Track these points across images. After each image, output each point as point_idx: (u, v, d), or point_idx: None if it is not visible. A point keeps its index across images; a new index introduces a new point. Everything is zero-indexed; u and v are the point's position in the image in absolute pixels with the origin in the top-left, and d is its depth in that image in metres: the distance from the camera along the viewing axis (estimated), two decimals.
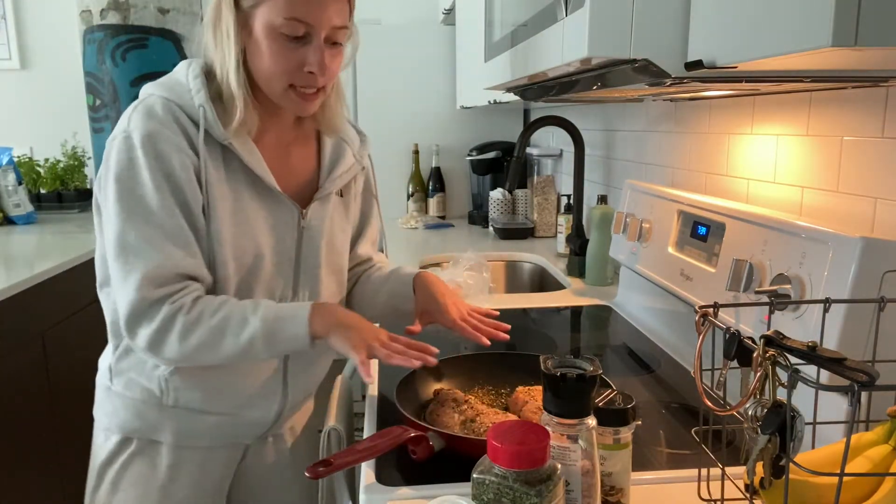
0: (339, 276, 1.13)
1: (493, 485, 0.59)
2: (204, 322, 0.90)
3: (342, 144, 1.12)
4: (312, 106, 0.98)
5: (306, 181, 1.08)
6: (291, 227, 1.04)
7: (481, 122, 3.02)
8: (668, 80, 0.76)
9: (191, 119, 0.95)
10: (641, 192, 1.48)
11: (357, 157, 1.14)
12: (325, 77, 0.96)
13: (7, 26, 3.35)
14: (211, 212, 0.95)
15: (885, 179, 0.90)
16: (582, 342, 1.43)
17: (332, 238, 1.10)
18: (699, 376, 0.67)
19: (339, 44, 0.97)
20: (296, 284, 1.05)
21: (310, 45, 0.93)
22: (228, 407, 1.04)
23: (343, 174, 1.10)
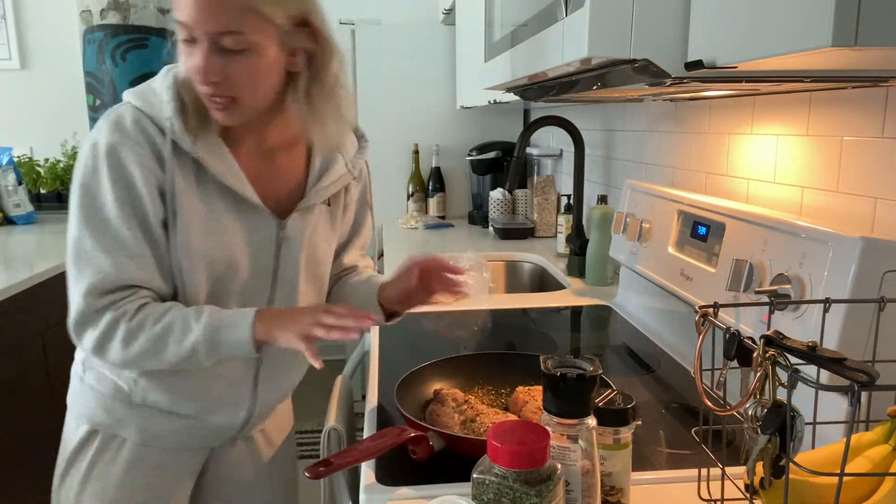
0: (318, 285, 1.11)
1: (493, 485, 0.59)
2: (146, 329, 0.91)
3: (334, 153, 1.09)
4: (229, 117, 0.93)
5: (292, 189, 1.05)
6: (269, 238, 1.02)
7: (481, 122, 3.02)
8: (668, 80, 0.76)
9: (161, 130, 0.94)
10: (641, 192, 1.48)
11: (350, 165, 1.10)
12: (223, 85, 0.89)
13: (7, 26, 3.36)
14: (178, 223, 0.95)
15: (885, 179, 0.90)
16: (582, 342, 1.43)
17: (314, 249, 1.08)
18: (699, 376, 0.66)
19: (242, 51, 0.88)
20: (272, 295, 1.04)
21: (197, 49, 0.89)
22: (195, 410, 1.04)
23: (332, 184, 1.07)
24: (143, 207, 0.93)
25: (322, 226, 1.09)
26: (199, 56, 0.88)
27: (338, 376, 1.39)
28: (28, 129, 3.38)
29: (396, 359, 1.25)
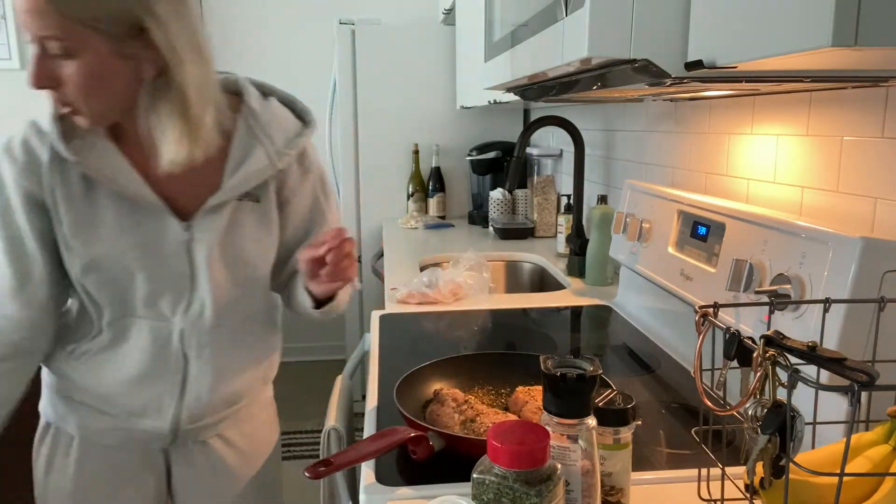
0: (252, 289, 1.08)
1: (493, 485, 0.59)
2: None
3: (252, 143, 1.02)
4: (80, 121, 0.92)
5: (209, 186, 1.00)
6: (175, 240, 0.99)
7: (481, 122, 3.02)
8: (668, 80, 0.76)
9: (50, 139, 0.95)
10: (641, 192, 1.48)
11: (273, 157, 1.03)
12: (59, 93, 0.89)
13: (7, 26, 3.35)
14: (64, 233, 0.96)
15: (885, 179, 0.90)
16: (582, 342, 1.43)
17: (238, 250, 1.03)
18: (699, 376, 0.66)
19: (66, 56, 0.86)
20: (191, 299, 1.02)
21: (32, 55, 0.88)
22: (121, 413, 1.06)
23: (248, 178, 1.01)
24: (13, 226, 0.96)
25: (248, 224, 1.04)
26: (31, 60, 0.88)
27: (338, 376, 1.39)
28: None
29: (396, 359, 1.25)
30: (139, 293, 0.99)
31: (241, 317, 1.08)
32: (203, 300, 1.02)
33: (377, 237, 3.03)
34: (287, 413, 3.01)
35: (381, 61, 2.93)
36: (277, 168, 1.05)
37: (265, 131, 1.03)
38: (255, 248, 1.06)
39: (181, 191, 1.00)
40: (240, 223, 1.04)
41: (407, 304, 1.60)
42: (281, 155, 1.04)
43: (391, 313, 1.54)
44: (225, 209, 1.02)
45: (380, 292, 2.22)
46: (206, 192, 1.00)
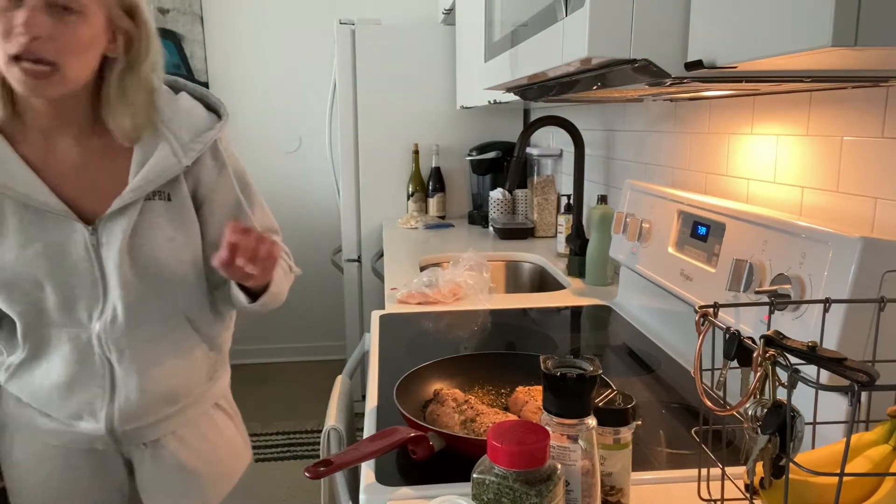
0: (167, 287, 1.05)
1: (493, 485, 0.59)
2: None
3: (159, 140, 1.00)
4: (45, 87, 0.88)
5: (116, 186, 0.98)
6: (81, 245, 0.97)
7: (481, 122, 3.02)
8: (668, 80, 0.76)
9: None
10: (641, 192, 1.48)
11: (179, 152, 1.00)
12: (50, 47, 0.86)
13: None
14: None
15: (885, 179, 0.90)
16: (582, 342, 1.43)
17: (152, 251, 1.01)
18: (699, 376, 0.67)
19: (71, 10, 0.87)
20: (104, 305, 1.00)
21: (23, 6, 0.85)
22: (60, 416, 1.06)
23: (155, 177, 0.98)
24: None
25: (160, 224, 1.01)
26: (23, 13, 0.85)
27: (338, 376, 1.39)
28: None
29: (396, 359, 1.25)
30: (52, 302, 0.98)
31: (160, 317, 1.06)
32: (115, 304, 1.00)
33: (377, 237, 3.03)
34: (287, 413, 3.03)
35: (381, 61, 2.93)
36: (184, 164, 1.01)
37: (170, 127, 1.01)
38: (168, 247, 1.03)
39: (86, 193, 0.98)
40: (150, 224, 1.01)
41: (407, 304, 1.60)
42: (187, 150, 1.02)
43: (391, 313, 1.54)
44: (131, 210, 0.99)
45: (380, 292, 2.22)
46: (113, 192, 0.98)
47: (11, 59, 0.86)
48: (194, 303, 1.10)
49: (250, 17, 3.52)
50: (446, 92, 2.98)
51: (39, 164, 0.95)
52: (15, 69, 0.86)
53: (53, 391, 1.04)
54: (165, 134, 1.01)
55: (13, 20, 0.85)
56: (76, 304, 0.99)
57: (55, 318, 1.00)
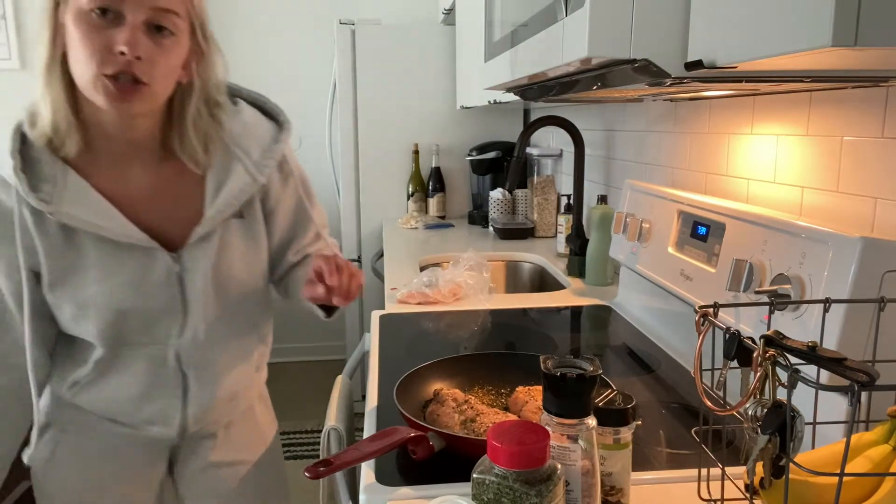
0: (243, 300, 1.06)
1: (493, 485, 0.59)
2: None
3: (231, 160, 0.99)
4: (131, 102, 0.86)
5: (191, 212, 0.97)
6: (164, 274, 0.96)
7: (481, 122, 3.02)
8: (668, 80, 0.76)
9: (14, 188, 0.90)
10: (641, 192, 1.48)
11: (254, 169, 1.00)
12: (146, 67, 0.85)
13: (7, 26, 3.35)
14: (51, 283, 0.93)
15: (885, 179, 0.90)
16: (582, 342, 1.43)
17: (228, 269, 1.01)
18: (699, 376, 0.66)
19: (168, 32, 0.87)
20: (184, 325, 1.00)
21: (123, 25, 0.84)
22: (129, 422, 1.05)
23: (232, 200, 0.98)
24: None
25: (236, 243, 1.02)
26: (127, 29, 0.84)
27: (338, 376, 1.39)
28: None
29: (396, 359, 1.25)
30: (131, 326, 0.97)
31: (234, 328, 1.07)
32: (196, 324, 1.01)
33: (377, 237, 3.03)
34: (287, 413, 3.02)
35: (381, 61, 2.93)
36: (260, 182, 1.01)
37: (240, 145, 1.00)
38: (243, 263, 1.03)
39: (163, 220, 0.97)
40: (227, 243, 1.01)
41: (407, 304, 1.60)
42: (260, 167, 1.01)
43: (391, 313, 1.54)
44: (214, 235, 0.99)
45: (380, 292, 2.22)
46: (190, 215, 0.97)
47: (104, 76, 0.85)
48: (259, 308, 1.12)
49: (250, 17, 3.52)
50: (446, 92, 2.97)
51: (115, 195, 0.94)
52: (106, 84, 0.85)
53: (126, 403, 1.03)
54: (237, 154, 0.99)
55: (112, 38, 0.84)
56: (155, 326, 0.99)
57: (132, 339, 0.98)
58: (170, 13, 0.86)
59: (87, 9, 0.84)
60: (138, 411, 1.04)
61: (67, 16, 0.85)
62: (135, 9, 0.84)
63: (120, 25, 0.84)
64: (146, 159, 0.97)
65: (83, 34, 0.84)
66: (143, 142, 0.95)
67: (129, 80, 0.85)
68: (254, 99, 1.09)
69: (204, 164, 0.97)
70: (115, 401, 1.03)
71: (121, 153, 0.95)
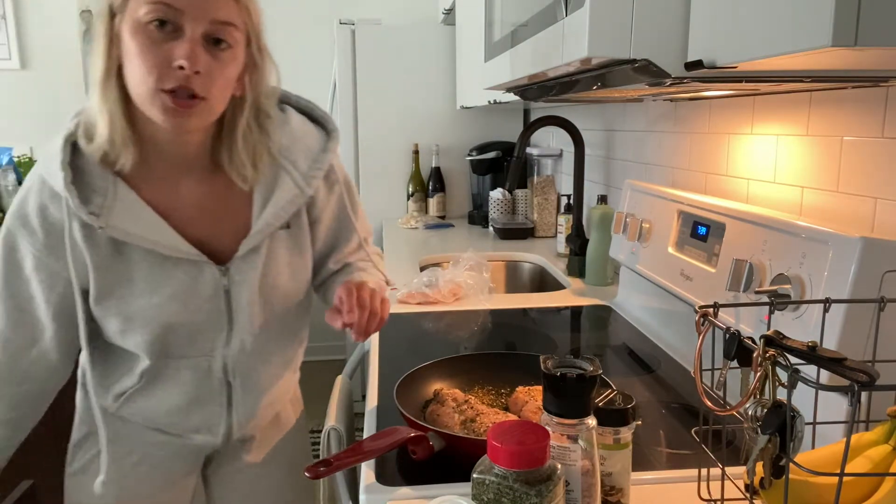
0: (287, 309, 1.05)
1: (493, 485, 0.59)
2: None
3: (278, 172, 0.97)
4: (188, 117, 0.85)
5: (239, 225, 0.96)
6: (211, 287, 0.95)
7: (481, 122, 3.02)
8: (668, 80, 0.76)
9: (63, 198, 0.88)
10: (641, 192, 1.48)
11: (302, 181, 0.98)
12: (204, 82, 0.84)
13: (7, 26, 3.35)
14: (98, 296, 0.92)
15: (885, 179, 0.90)
16: (582, 342, 1.43)
17: (274, 279, 1.00)
18: (699, 376, 0.66)
19: (225, 45, 0.85)
20: (229, 337, 0.99)
21: (181, 38, 0.82)
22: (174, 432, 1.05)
23: (280, 212, 0.96)
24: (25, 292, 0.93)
25: (282, 254, 1.00)
26: (187, 42, 0.82)
27: (338, 376, 1.39)
28: (28, 129, 3.38)
29: (396, 359, 1.25)
30: (177, 338, 0.96)
31: (279, 338, 1.06)
32: (242, 336, 1.00)
33: (377, 237, 3.03)
34: None
35: (381, 61, 2.93)
36: (307, 194, 0.98)
37: (288, 157, 0.98)
38: (289, 274, 1.02)
39: (211, 233, 0.96)
40: (273, 255, 0.99)
41: (407, 304, 1.60)
42: (308, 179, 0.98)
43: (391, 313, 1.53)
44: (261, 247, 0.97)
45: None
46: (237, 228, 0.96)
47: (162, 91, 0.83)
48: (302, 316, 1.10)
49: None
50: (446, 92, 2.97)
51: (165, 208, 0.92)
52: (164, 100, 0.83)
53: (172, 413, 1.02)
54: (284, 165, 0.97)
55: (170, 52, 0.82)
56: (201, 338, 0.98)
57: (178, 351, 0.97)
58: (228, 25, 0.85)
59: (145, 21, 0.82)
60: (184, 420, 1.03)
61: (124, 27, 0.83)
62: (194, 21, 0.82)
63: (178, 38, 0.82)
64: (196, 172, 0.95)
65: (140, 47, 0.82)
66: (194, 155, 0.94)
67: (187, 95, 0.83)
68: (302, 106, 1.07)
69: (251, 180, 0.95)
70: (161, 411, 1.02)
71: (171, 166, 0.93)
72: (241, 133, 0.93)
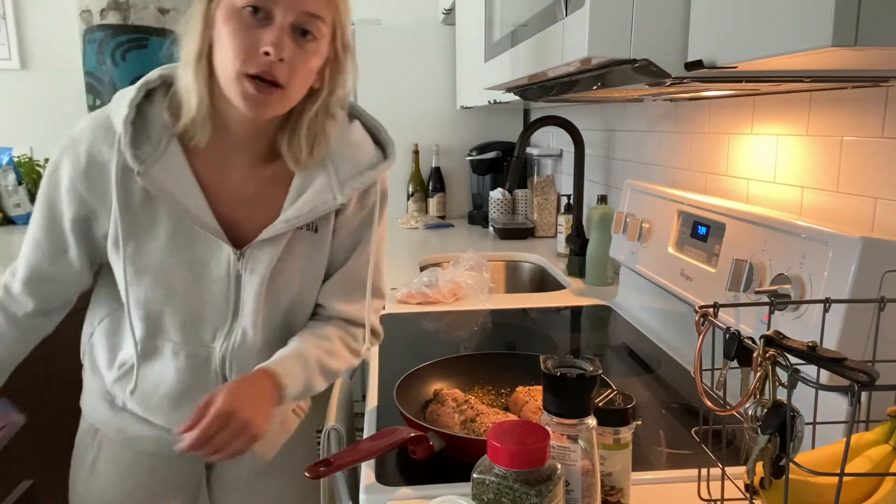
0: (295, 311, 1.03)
1: (493, 485, 0.59)
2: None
3: (319, 172, 0.97)
4: (266, 105, 0.87)
5: (271, 215, 0.97)
6: (223, 267, 0.95)
7: (481, 122, 3.02)
8: (668, 80, 0.76)
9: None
10: (641, 192, 1.48)
11: (336, 187, 0.97)
12: (286, 70, 0.86)
13: (7, 26, 3.35)
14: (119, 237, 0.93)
15: (885, 179, 0.90)
16: (582, 342, 1.43)
17: (287, 278, 0.99)
18: (699, 376, 0.66)
19: (311, 37, 0.88)
20: (232, 325, 0.98)
21: (271, 26, 0.85)
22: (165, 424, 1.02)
23: (307, 211, 0.96)
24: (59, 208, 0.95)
25: (301, 255, 1.00)
26: (275, 31, 0.85)
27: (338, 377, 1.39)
28: (28, 129, 3.38)
29: (396, 359, 1.25)
30: (176, 315, 0.96)
31: (282, 337, 1.04)
32: (245, 329, 0.99)
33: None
34: None
35: (381, 61, 2.93)
36: (339, 202, 0.97)
37: (333, 159, 0.98)
38: (301, 276, 1.01)
39: (242, 218, 0.97)
40: (292, 253, 0.99)
41: (407, 304, 1.60)
42: (344, 186, 0.97)
43: (391, 313, 1.54)
44: (281, 239, 0.97)
45: None
46: (266, 219, 0.96)
47: (246, 76, 0.85)
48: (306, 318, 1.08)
49: None
50: (446, 92, 2.97)
51: (207, 181, 0.95)
52: (246, 85, 0.85)
53: (164, 400, 1.01)
54: (327, 166, 0.98)
55: (258, 38, 0.85)
56: (202, 325, 0.98)
57: (172, 332, 0.97)
58: (317, 19, 0.87)
59: (240, 6, 0.85)
60: (174, 412, 1.01)
61: (219, 11, 0.87)
62: (285, 10, 0.85)
63: (268, 26, 0.85)
64: (248, 155, 0.97)
65: (232, 31, 0.85)
66: (254, 139, 0.96)
67: (268, 83, 0.86)
68: (371, 125, 1.08)
69: (304, 164, 0.96)
70: (153, 395, 1.00)
71: (229, 144, 0.95)
72: (307, 120, 0.95)
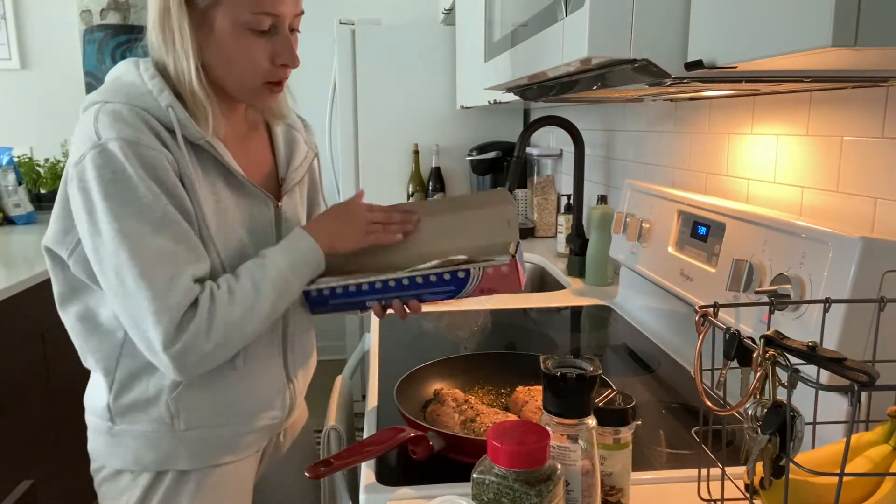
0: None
1: (493, 485, 0.59)
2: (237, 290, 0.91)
3: (292, 132, 1.11)
4: (275, 97, 0.99)
5: (268, 173, 1.07)
6: (269, 221, 1.03)
7: (481, 122, 3.02)
8: (668, 80, 0.76)
9: (160, 122, 0.90)
10: (641, 192, 1.48)
11: (308, 143, 1.15)
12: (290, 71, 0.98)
13: (7, 26, 3.36)
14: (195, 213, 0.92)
15: (885, 179, 0.90)
16: (582, 342, 1.43)
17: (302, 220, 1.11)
18: (699, 376, 0.67)
19: (297, 33, 0.98)
20: None
21: (276, 36, 0.93)
22: (243, 415, 1.00)
23: (302, 163, 1.10)
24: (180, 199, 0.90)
25: (301, 205, 1.12)
26: (285, 43, 0.93)
27: (338, 376, 1.39)
28: (28, 129, 3.38)
29: (396, 359, 1.25)
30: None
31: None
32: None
33: None
34: None
35: (381, 61, 2.93)
36: (315, 152, 1.16)
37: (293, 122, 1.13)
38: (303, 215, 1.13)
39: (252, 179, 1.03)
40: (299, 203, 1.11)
41: None
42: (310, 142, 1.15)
43: (391, 313, 1.54)
44: (295, 191, 1.09)
45: None
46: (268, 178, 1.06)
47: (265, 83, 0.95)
48: None
49: None
50: (446, 92, 2.97)
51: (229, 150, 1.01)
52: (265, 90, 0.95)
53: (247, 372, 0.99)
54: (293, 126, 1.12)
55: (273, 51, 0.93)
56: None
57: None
58: (299, 16, 0.96)
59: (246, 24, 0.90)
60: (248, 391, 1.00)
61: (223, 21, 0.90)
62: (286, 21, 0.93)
63: (275, 34, 0.93)
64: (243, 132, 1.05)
65: (244, 48, 0.91)
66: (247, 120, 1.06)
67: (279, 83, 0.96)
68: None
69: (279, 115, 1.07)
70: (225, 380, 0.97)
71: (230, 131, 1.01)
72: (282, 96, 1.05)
